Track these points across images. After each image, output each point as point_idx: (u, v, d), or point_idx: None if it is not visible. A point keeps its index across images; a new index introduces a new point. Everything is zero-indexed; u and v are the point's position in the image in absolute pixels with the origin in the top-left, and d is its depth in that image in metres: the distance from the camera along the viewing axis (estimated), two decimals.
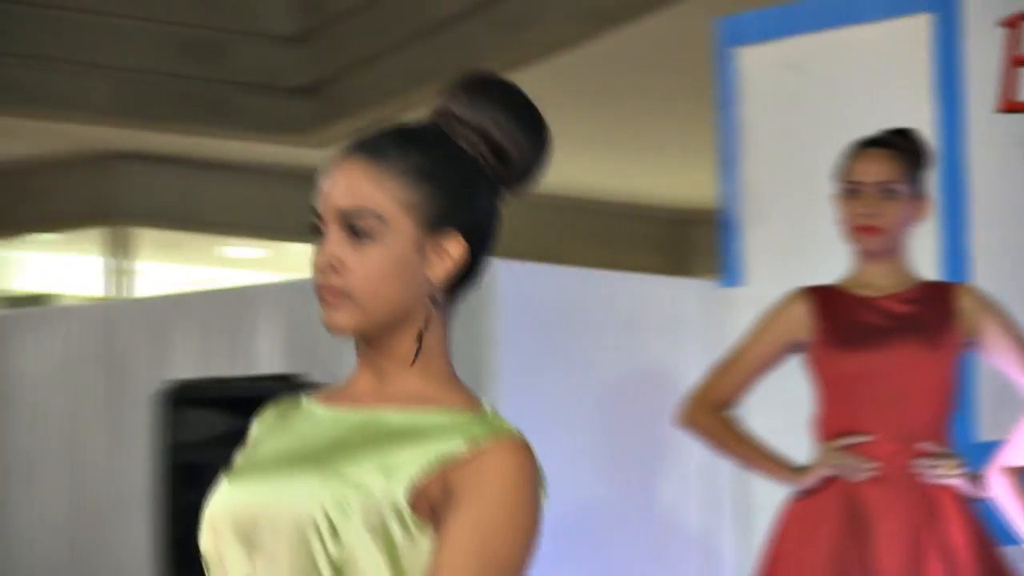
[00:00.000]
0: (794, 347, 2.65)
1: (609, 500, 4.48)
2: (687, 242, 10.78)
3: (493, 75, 1.28)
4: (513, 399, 4.59)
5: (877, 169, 2.54)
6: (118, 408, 4.25)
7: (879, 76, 3.54)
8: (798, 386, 2.76)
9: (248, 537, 1.16)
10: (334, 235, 1.21)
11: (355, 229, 1.20)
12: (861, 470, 2.47)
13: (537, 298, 4.86)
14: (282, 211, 8.58)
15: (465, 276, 1.24)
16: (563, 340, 4.83)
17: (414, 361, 1.21)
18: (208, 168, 8.85)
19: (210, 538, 1.19)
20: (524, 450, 1.17)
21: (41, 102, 7.62)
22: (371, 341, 1.22)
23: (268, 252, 9.86)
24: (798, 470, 2.57)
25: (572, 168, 7.23)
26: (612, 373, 4.75)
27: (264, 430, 1.27)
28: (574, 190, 9.13)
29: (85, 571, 4.32)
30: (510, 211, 1.31)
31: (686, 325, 4.47)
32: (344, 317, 1.20)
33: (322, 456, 1.17)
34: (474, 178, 1.23)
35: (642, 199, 10.32)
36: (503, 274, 4.70)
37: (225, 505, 1.19)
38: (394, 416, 1.19)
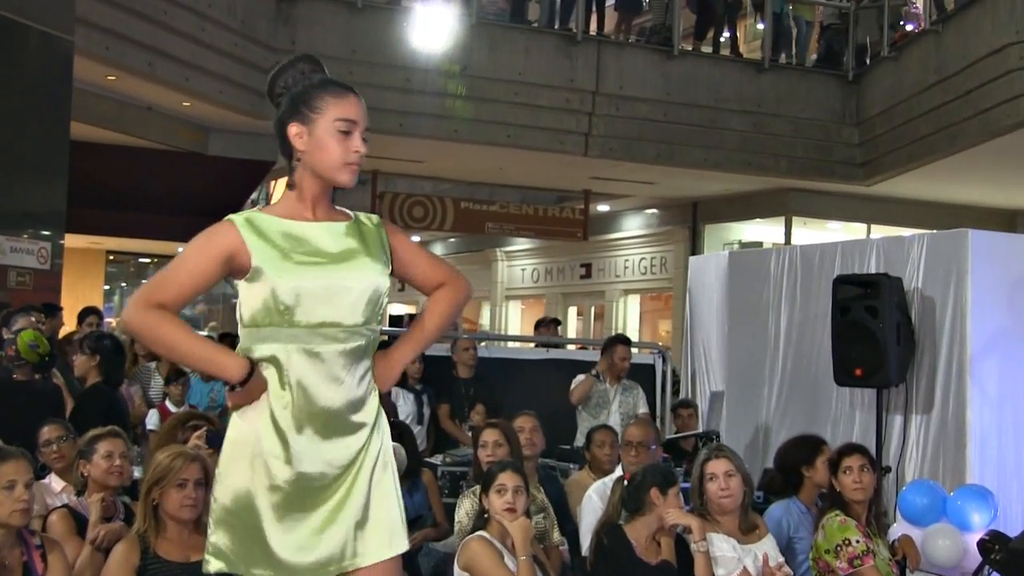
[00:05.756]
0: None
1: None
2: None
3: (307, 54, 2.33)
4: (982, 365, 4.61)
5: None
6: None
7: None
8: None
9: (329, 298, 2.15)
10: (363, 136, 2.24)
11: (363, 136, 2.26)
12: None
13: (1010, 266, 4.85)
14: None
15: None
16: None
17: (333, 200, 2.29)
18: None
19: (297, 298, 2.13)
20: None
21: None
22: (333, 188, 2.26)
23: None
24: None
25: None
26: None
27: (277, 238, 2.16)
28: None
29: None
30: None
31: None
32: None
33: (354, 252, 2.22)
34: None
35: None
36: (975, 242, 4.71)
37: (312, 281, 2.14)
38: (349, 223, 2.25)
